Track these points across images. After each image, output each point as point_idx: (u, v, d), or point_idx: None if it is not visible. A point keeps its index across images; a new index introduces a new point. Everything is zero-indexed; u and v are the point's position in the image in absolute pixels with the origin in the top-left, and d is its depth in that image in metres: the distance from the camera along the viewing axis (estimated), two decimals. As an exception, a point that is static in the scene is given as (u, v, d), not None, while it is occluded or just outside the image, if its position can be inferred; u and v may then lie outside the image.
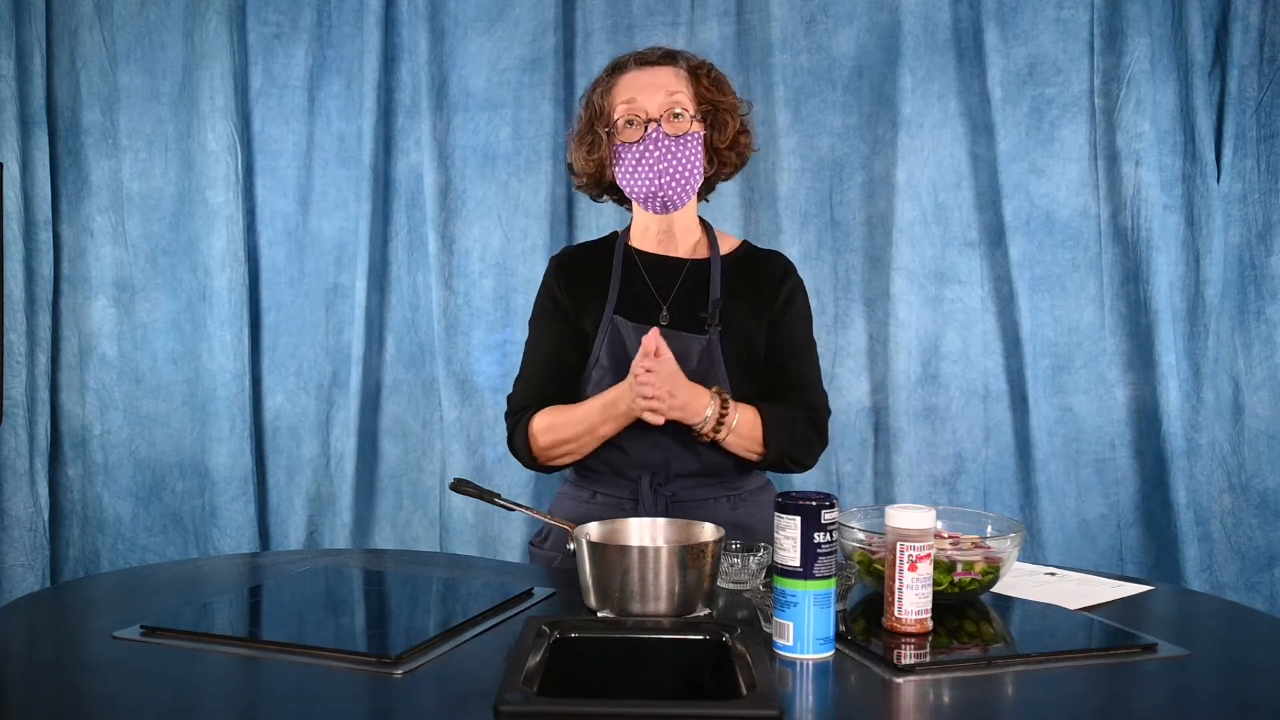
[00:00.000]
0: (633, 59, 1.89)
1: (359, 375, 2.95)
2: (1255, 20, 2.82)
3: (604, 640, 1.36)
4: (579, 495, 1.91)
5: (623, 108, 1.84)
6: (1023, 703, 1.23)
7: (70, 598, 1.74)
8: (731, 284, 1.91)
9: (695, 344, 1.84)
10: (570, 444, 1.84)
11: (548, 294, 1.95)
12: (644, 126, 1.83)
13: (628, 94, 1.85)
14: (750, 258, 1.98)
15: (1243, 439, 2.88)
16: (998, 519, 1.65)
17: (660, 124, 1.83)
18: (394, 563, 1.84)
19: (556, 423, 1.84)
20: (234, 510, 2.94)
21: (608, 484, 1.88)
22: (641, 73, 1.86)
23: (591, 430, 1.82)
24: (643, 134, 1.83)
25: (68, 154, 2.99)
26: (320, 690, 1.21)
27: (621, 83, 1.87)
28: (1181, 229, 2.87)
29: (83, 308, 3.01)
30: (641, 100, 1.83)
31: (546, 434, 1.85)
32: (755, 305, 1.91)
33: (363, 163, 2.93)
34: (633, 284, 1.91)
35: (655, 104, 1.83)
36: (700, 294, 1.90)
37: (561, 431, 1.84)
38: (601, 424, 1.81)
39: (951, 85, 2.88)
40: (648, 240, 1.94)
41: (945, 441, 2.89)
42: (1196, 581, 2.79)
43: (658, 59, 1.88)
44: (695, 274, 1.92)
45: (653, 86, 1.84)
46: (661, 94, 1.84)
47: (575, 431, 1.82)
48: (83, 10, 2.96)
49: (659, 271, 1.92)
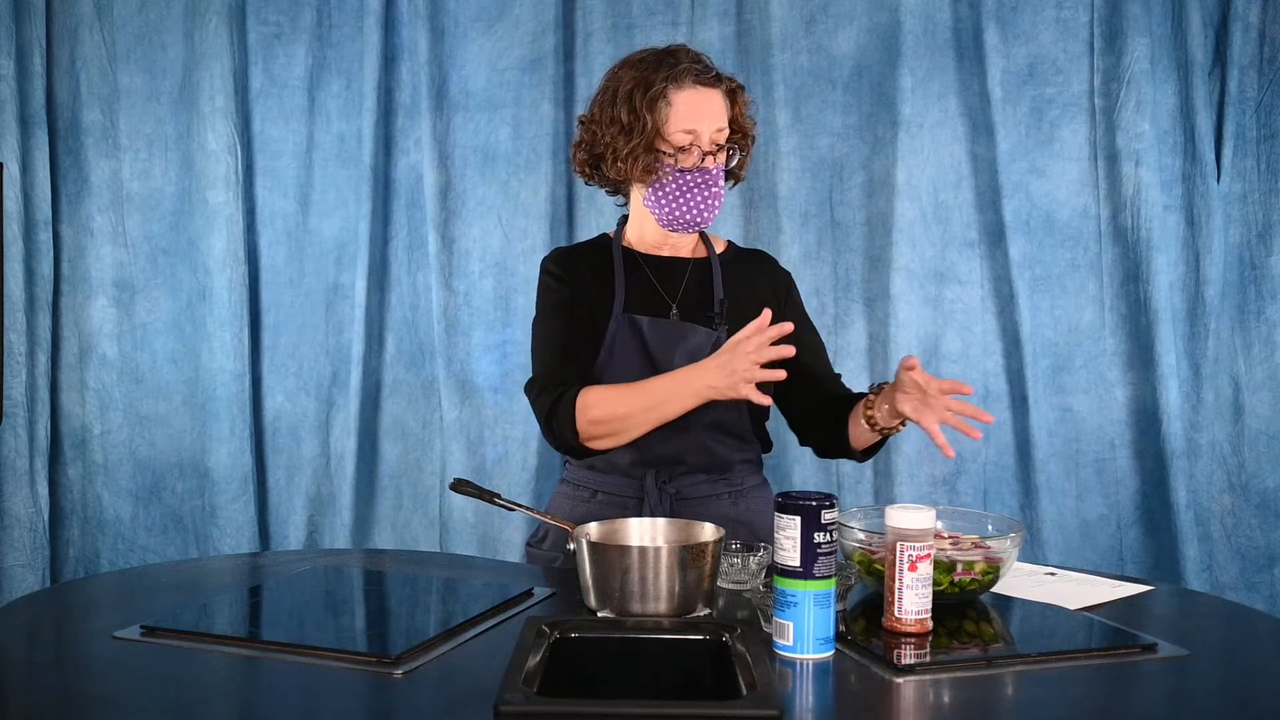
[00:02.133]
0: (690, 74, 1.81)
1: (359, 375, 2.95)
2: (1255, 20, 2.83)
3: (604, 640, 1.36)
4: (579, 495, 1.90)
5: (682, 135, 1.81)
6: (1023, 703, 1.23)
7: (70, 598, 1.74)
8: (731, 283, 1.93)
9: (706, 338, 1.85)
10: (624, 421, 1.76)
11: (553, 287, 1.91)
12: (700, 157, 1.82)
13: (689, 121, 1.81)
14: (743, 258, 2.00)
15: (1243, 439, 2.88)
16: (998, 519, 1.65)
17: (715, 156, 1.83)
18: (394, 563, 1.84)
19: (612, 396, 1.76)
20: (234, 510, 2.94)
21: (610, 482, 1.87)
22: (699, 93, 1.82)
23: (655, 407, 1.73)
24: (695, 163, 1.82)
25: (68, 154, 2.99)
26: (320, 690, 1.21)
27: (681, 102, 1.81)
28: (1181, 229, 2.88)
29: (83, 308, 3.01)
30: (700, 129, 1.81)
31: (600, 406, 1.76)
32: (758, 303, 1.91)
33: (363, 163, 2.93)
34: (638, 282, 1.91)
35: (708, 134, 1.82)
36: (704, 292, 1.91)
37: (617, 405, 1.75)
38: (668, 401, 1.73)
39: (951, 85, 2.88)
40: (646, 241, 1.94)
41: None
42: (1196, 581, 2.79)
43: (711, 80, 1.83)
44: (697, 273, 1.93)
45: (710, 114, 1.82)
46: (715, 123, 1.83)
47: (635, 406, 1.74)
48: (83, 10, 2.96)
49: (663, 271, 1.92)
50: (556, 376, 1.83)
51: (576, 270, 1.92)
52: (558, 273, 1.92)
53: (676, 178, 1.83)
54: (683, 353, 1.84)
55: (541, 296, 1.94)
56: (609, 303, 1.88)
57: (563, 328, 1.88)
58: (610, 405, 1.76)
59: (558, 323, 1.89)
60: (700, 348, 1.84)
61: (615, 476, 1.86)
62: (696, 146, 1.82)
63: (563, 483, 1.96)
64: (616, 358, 1.85)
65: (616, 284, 1.89)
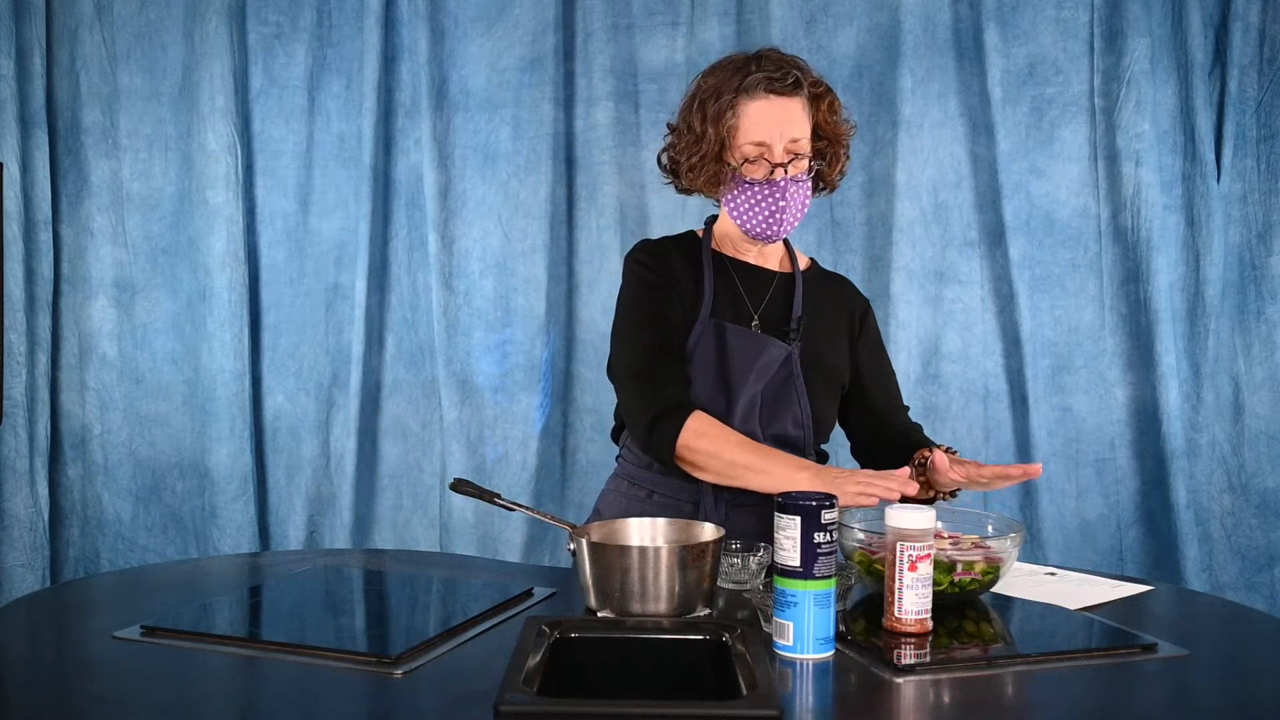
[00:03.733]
0: (763, 82, 1.77)
1: (359, 375, 2.95)
2: (1255, 20, 2.83)
3: (604, 640, 1.36)
4: (635, 494, 1.88)
5: (751, 147, 1.78)
6: (1023, 703, 1.23)
7: (70, 598, 1.74)
8: (811, 301, 1.92)
9: (779, 352, 1.85)
10: (723, 464, 1.73)
11: (646, 277, 1.87)
12: (770, 169, 1.79)
13: (757, 131, 1.78)
14: (825, 279, 2.00)
15: (1243, 439, 2.88)
16: (998, 519, 1.65)
17: (786, 168, 1.79)
18: (394, 563, 1.84)
19: (725, 437, 1.74)
20: (234, 510, 2.94)
21: (668, 484, 1.85)
22: (769, 104, 1.78)
23: (757, 471, 1.70)
24: (767, 175, 1.79)
25: (68, 154, 2.99)
26: (320, 690, 1.21)
27: (751, 113, 1.78)
28: (1181, 229, 2.88)
29: (83, 308, 3.01)
30: (769, 140, 1.78)
31: (708, 440, 1.73)
32: (834, 326, 1.94)
33: (363, 163, 2.93)
34: (725, 288, 1.89)
35: (780, 145, 1.78)
36: (784, 306, 1.91)
37: (724, 449, 1.72)
38: (770, 475, 1.69)
39: (951, 85, 2.88)
40: (735, 247, 1.93)
41: (945, 441, 2.87)
42: (1196, 581, 2.79)
43: (788, 88, 1.79)
44: (782, 287, 1.92)
45: (782, 125, 1.78)
46: (789, 134, 1.79)
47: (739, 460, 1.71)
48: (83, 10, 2.96)
49: (750, 280, 1.91)
50: (660, 377, 1.80)
51: (668, 263, 1.88)
52: (649, 263, 1.88)
53: (746, 189, 1.80)
54: (759, 365, 1.83)
55: (631, 284, 1.89)
56: (697, 303, 1.86)
57: (657, 320, 1.84)
58: (717, 445, 1.73)
59: (652, 314, 1.84)
60: (774, 360, 1.84)
61: (674, 479, 1.84)
62: (765, 159, 1.78)
63: (617, 478, 1.94)
64: (695, 360, 1.83)
65: (705, 286, 1.86)
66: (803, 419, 1.86)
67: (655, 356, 1.81)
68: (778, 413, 1.85)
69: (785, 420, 1.84)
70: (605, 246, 2.95)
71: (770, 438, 1.84)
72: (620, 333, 1.88)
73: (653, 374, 1.80)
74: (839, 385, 1.93)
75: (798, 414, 1.86)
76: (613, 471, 1.98)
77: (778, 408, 1.85)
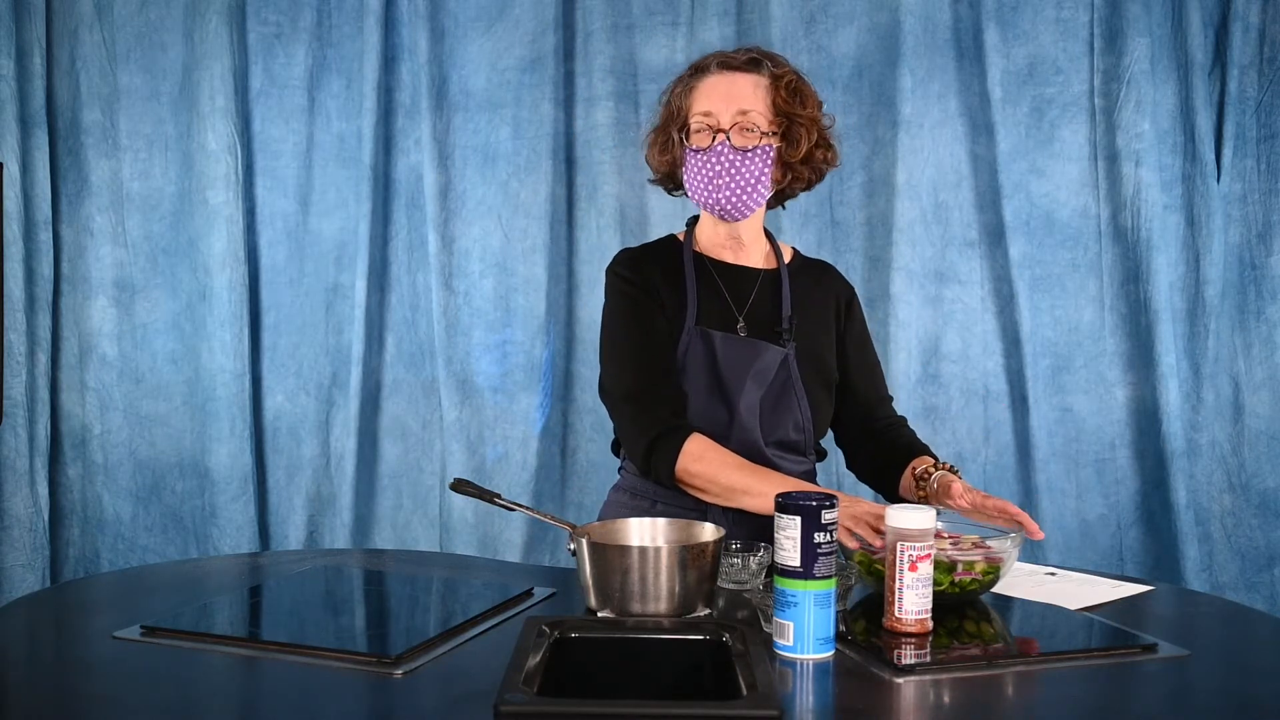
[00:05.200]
0: (716, 61, 1.83)
1: (359, 375, 2.95)
2: (1255, 20, 2.83)
3: (604, 640, 1.36)
4: (638, 504, 1.85)
5: (698, 116, 1.81)
6: (1023, 703, 1.23)
7: (70, 598, 1.74)
8: (797, 296, 1.90)
9: (775, 355, 1.83)
10: (722, 488, 1.74)
11: (627, 291, 1.86)
12: (713, 136, 1.80)
13: (705, 102, 1.81)
14: (808, 269, 1.98)
15: (1243, 439, 2.88)
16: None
17: (729, 136, 1.79)
18: (394, 563, 1.84)
19: (723, 460, 1.74)
20: (234, 510, 2.94)
21: (671, 493, 1.81)
22: (721, 78, 1.82)
23: (754, 494, 1.70)
24: (710, 143, 1.80)
25: (68, 154, 2.99)
26: (320, 690, 1.21)
27: (702, 87, 1.83)
28: (1181, 229, 2.88)
29: (83, 308, 3.01)
30: (715, 110, 1.80)
31: (706, 464, 1.73)
32: (822, 319, 1.93)
33: (363, 163, 2.93)
34: (708, 292, 1.87)
35: (728, 115, 1.79)
36: (771, 305, 1.88)
37: (721, 473, 1.73)
38: (760, 495, 1.69)
39: (951, 85, 2.88)
40: (716, 247, 1.91)
41: (945, 441, 2.89)
42: (1196, 581, 2.79)
43: (741, 64, 1.82)
44: (767, 285, 1.90)
45: (729, 96, 1.80)
46: (736, 104, 1.80)
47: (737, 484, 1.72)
48: (83, 10, 2.96)
49: (733, 280, 1.89)
50: (652, 399, 1.79)
51: (647, 274, 1.87)
52: (629, 276, 1.87)
53: (693, 158, 1.82)
54: (754, 371, 1.81)
55: (614, 301, 1.88)
56: (681, 312, 1.84)
57: (644, 336, 1.83)
58: (714, 469, 1.73)
59: (638, 330, 1.83)
60: (770, 365, 1.82)
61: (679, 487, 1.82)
62: (708, 126, 1.80)
63: (618, 490, 1.92)
64: (688, 372, 1.82)
65: (688, 293, 1.85)
66: (803, 422, 1.85)
67: (646, 376, 1.80)
68: (779, 418, 1.84)
69: (787, 425, 1.84)
70: (605, 246, 2.95)
71: (772, 444, 1.83)
72: (609, 352, 1.87)
73: (645, 395, 1.79)
74: (833, 380, 1.93)
75: (798, 418, 1.85)
76: (614, 483, 1.96)
77: (778, 413, 1.83)
